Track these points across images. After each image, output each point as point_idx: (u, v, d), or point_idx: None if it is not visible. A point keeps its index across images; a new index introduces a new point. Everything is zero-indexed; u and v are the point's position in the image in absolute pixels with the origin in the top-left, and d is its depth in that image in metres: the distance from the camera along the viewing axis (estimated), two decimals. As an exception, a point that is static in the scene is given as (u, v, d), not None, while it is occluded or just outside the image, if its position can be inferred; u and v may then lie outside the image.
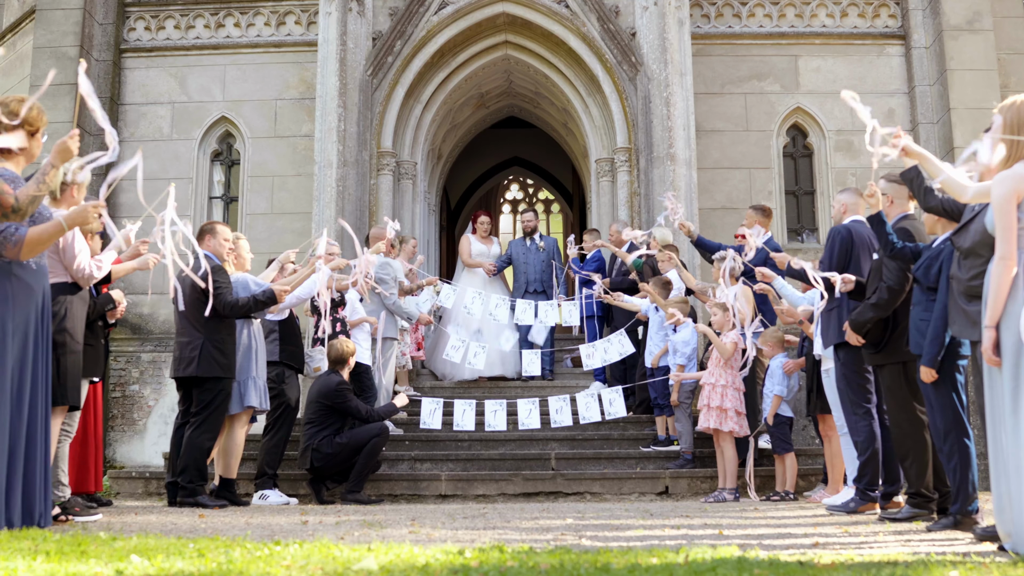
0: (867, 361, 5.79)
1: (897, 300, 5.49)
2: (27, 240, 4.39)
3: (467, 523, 5.32)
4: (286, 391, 7.56)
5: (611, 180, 11.55)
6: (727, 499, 7.34)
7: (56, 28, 11.83)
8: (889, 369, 5.59)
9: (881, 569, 3.02)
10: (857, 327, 5.62)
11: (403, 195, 11.77)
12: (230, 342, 6.79)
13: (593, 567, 2.99)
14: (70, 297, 5.25)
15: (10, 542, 3.66)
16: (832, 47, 12.07)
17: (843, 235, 6.23)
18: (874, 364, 5.73)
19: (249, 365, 6.96)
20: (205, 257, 6.22)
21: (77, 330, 5.31)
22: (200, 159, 12.05)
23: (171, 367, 6.94)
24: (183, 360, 6.70)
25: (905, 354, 5.46)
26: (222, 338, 6.72)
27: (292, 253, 7.97)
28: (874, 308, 5.52)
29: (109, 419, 11.31)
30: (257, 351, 7.06)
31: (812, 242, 11.78)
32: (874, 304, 5.52)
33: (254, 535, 4.38)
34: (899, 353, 5.53)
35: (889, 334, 5.57)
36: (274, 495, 7.34)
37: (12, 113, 4.51)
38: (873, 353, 5.69)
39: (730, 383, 7.56)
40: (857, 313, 5.63)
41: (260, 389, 7.03)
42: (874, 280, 5.67)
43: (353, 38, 11.36)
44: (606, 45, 11.28)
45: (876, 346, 5.63)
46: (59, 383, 5.13)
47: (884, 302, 5.49)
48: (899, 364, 5.54)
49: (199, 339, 6.65)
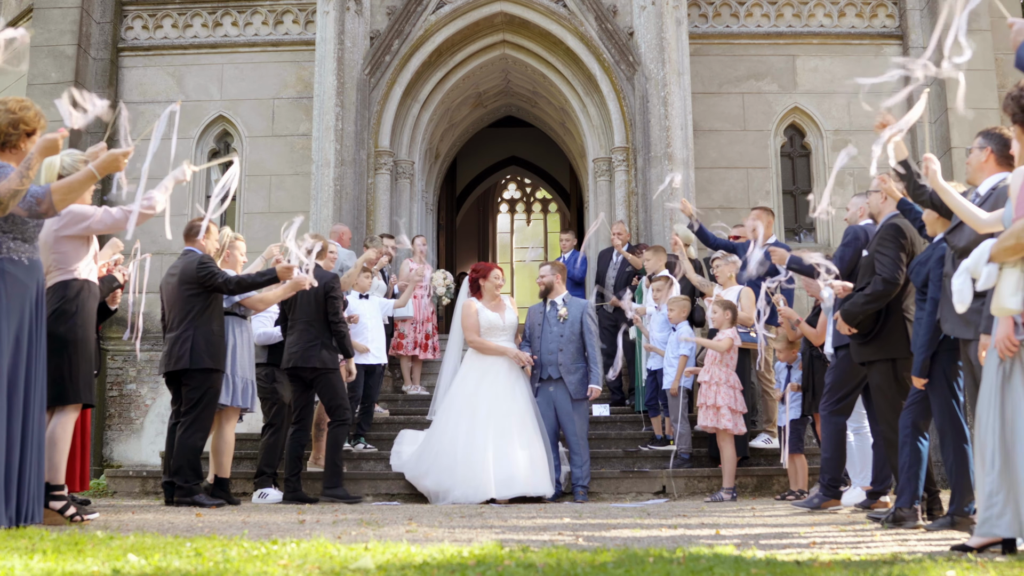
0: (856, 357, 5.77)
1: (891, 293, 5.47)
2: (53, 191, 4.39)
3: (464, 522, 5.31)
4: (279, 390, 7.53)
5: (609, 179, 11.56)
6: (723, 499, 7.34)
7: (54, 27, 11.82)
8: (878, 366, 5.57)
9: (878, 568, 3.03)
10: (849, 317, 5.59)
11: (400, 194, 11.77)
12: (220, 335, 6.79)
13: (590, 567, 2.99)
14: (83, 294, 5.22)
15: (7, 540, 3.65)
16: (830, 47, 12.08)
17: (858, 235, 6.24)
18: (863, 360, 5.72)
19: (230, 362, 6.96)
20: (188, 252, 6.81)
21: (89, 327, 5.28)
22: (197, 158, 12.03)
23: (161, 364, 6.92)
24: (173, 356, 6.70)
25: (895, 351, 5.46)
26: (212, 331, 6.72)
27: (276, 247, 7.92)
28: (868, 299, 5.49)
29: (106, 418, 11.31)
30: (235, 348, 7.05)
31: (810, 242, 11.79)
32: (868, 295, 5.49)
33: (251, 534, 4.38)
34: (888, 349, 5.52)
35: (880, 327, 5.55)
36: (273, 493, 7.35)
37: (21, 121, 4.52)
38: (862, 348, 5.67)
39: (724, 380, 7.57)
40: (850, 304, 5.60)
41: (235, 387, 7.02)
42: (865, 274, 5.66)
43: (351, 37, 11.36)
44: (604, 44, 11.28)
45: (865, 337, 5.61)
46: (72, 381, 5.11)
47: (878, 294, 5.46)
48: (889, 361, 5.52)
49: (190, 333, 6.66)
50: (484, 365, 7.58)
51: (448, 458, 7.25)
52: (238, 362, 7.06)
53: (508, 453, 7.19)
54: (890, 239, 5.48)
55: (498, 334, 7.63)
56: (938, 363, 4.97)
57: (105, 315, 6.95)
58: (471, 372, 7.62)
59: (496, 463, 7.13)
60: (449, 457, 7.25)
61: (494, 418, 7.31)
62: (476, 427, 7.28)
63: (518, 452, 7.23)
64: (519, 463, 7.19)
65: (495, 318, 7.63)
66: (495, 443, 7.22)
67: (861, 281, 5.68)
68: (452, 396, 7.60)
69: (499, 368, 7.56)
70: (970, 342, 4.39)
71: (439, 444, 7.39)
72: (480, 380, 7.52)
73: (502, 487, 7.08)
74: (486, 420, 7.30)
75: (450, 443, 7.30)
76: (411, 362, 10.48)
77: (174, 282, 6.81)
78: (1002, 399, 3.75)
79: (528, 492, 7.17)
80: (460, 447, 7.24)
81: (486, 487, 7.06)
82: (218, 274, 6.71)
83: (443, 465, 7.26)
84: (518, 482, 7.14)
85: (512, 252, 21.49)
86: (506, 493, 7.09)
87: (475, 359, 7.65)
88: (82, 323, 5.21)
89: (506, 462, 7.15)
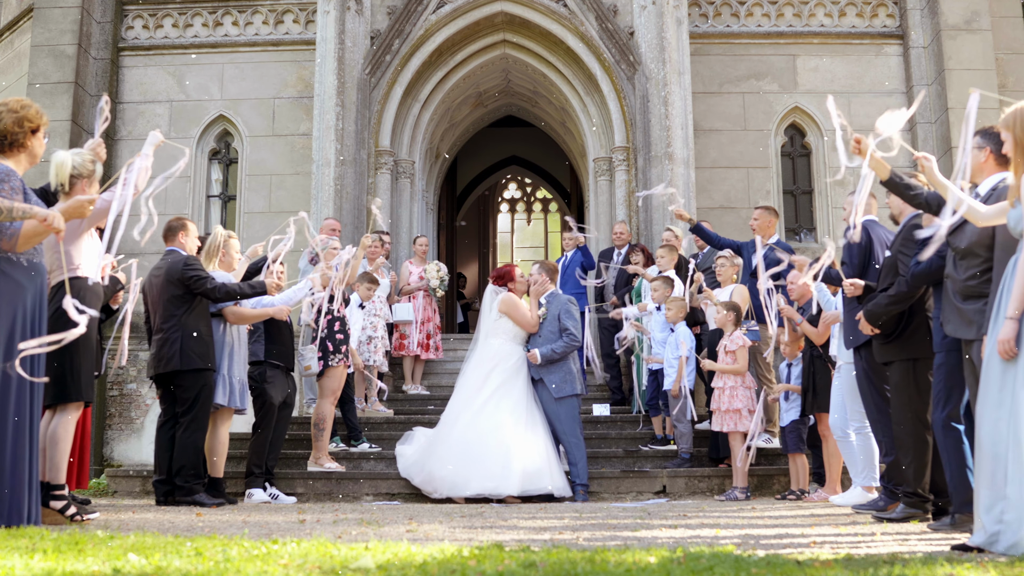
0: (877, 357, 5.77)
1: (915, 295, 5.46)
2: (22, 233, 4.37)
3: (465, 522, 5.31)
4: (268, 390, 7.45)
5: (609, 179, 11.55)
6: (739, 498, 7.36)
7: (54, 26, 11.82)
8: (898, 366, 5.57)
9: (879, 568, 3.03)
10: (872, 318, 5.58)
11: (401, 194, 11.77)
12: (208, 334, 6.79)
13: (590, 566, 2.99)
14: (84, 293, 5.21)
15: (7, 540, 3.65)
16: (830, 47, 12.08)
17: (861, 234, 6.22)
18: (884, 360, 5.71)
19: (220, 362, 6.94)
20: (171, 252, 6.83)
21: (91, 326, 5.28)
22: (198, 158, 12.04)
23: (149, 366, 6.89)
24: (162, 357, 6.69)
25: (916, 351, 5.45)
26: (200, 331, 6.71)
27: (260, 247, 7.91)
28: (891, 300, 5.48)
29: (106, 417, 11.31)
30: (232, 348, 7.04)
31: (810, 241, 11.79)
32: (892, 295, 5.48)
33: (251, 533, 4.38)
34: (909, 349, 5.51)
35: (903, 328, 5.55)
36: (258, 493, 7.32)
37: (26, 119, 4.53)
38: (883, 347, 5.67)
39: (739, 383, 7.60)
40: (873, 304, 5.59)
41: (232, 387, 7.01)
42: (888, 275, 5.65)
43: (351, 37, 11.36)
44: (604, 44, 11.28)
45: (888, 337, 5.60)
46: (72, 379, 5.12)
47: (902, 295, 5.44)
48: (909, 361, 5.52)
49: (177, 334, 6.65)
50: (507, 361, 7.71)
51: (470, 446, 7.29)
52: (235, 363, 7.05)
53: (531, 449, 7.33)
54: (913, 239, 5.45)
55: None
56: (941, 364, 4.96)
57: (107, 315, 6.95)
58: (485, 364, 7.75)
59: (520, 458, 7.22)
60: (472, 446, 7.29)
61: (518, 413, 7.47)
62: (502, 421, 7.38)
63: (540, 449, 7.38)
64: (539, 460, 7.31)
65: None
66: (520, 437, 7.34)
67: (884, 281, 5.67)
68: (471, 388, 7.67)
69: (522, 363, 7.71)
70: (972, 342, 4.39)
71: (466, 432, 7.40)
72: (502, 374, 7.63)
73: (527, 481, 7.20)
74: (512, 415, 7.43)
75: (476, 433, 7.35)
76: (413, 362, 10.50)
77: (158, 283, 6.79)
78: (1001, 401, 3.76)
79: (552, 490, 7.28)
80: (486, 439, 7.30)
81: (508, 481, 7.14)
82: (206, 279, 6.69)
83: (459, 453, 7.29)
84: (544, 477, 7.27)
85: (512, 252, 21.48)
86: (530, 488, 7.19)
87: (496, 354, 7.74)
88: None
89: (529, 459, 7.26)
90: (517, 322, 7.77)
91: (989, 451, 3.81)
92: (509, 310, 7.80)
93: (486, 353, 7.77)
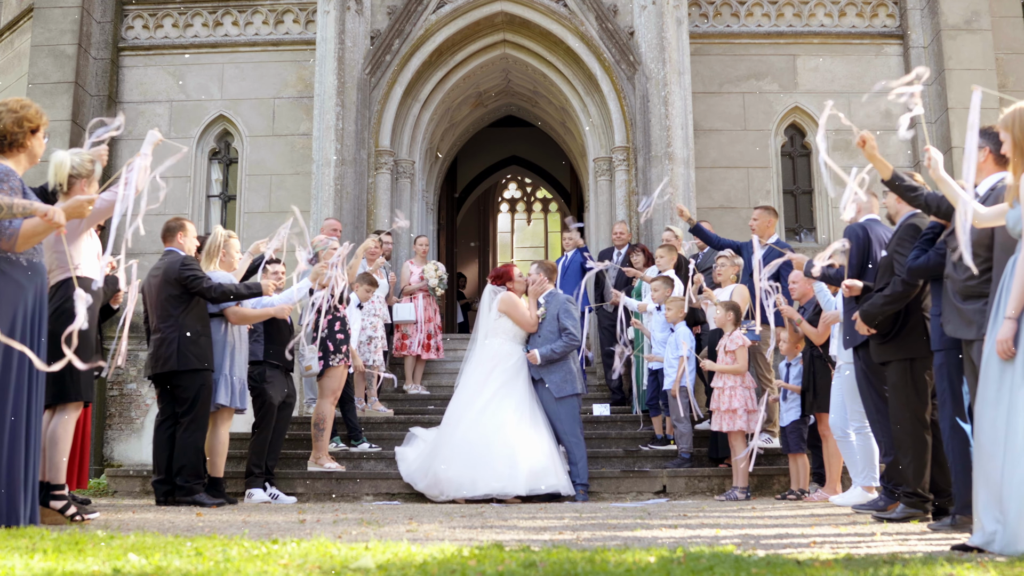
0: (875, 357, 5.77)
1: (911, 294, 5.46)
2: (21, 232, 4.36)
3: (465, 522, 5.31)
4: (267, 390, 7.44)
5: (609, 179, 11.55)
6: (739, 498, 7.36)
7: (54, 26, 11.82)
8: (895, 366, 5.57)
9: (879, 568, 3.03)
10: (868, 318, 5.59)
11: (401, 193, 11.77)
12: (206, 334, 6.79)
13: (590, 566, 2.99)
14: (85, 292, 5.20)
15: (7, 540, 3.65)
16: (830, 46, 12.08)
17: (859, 234, 6.22)
18: (881, 360, 5.71)
19: (223, 362, 6.95)
20: (169, 252, 6.83)
21: (91, 325, 5.28)
22: (198, 158, 12.04)
23: (147, 366, 6.89)
24: (160, 357, 6.69)
25: (914, 351, 5.45)
26: (198, 331, 6.71)
27: (262, 244, 7.90)
28: (887, 300, 5.48)
29: (106, 417, 11.32)
30: (234, 348, 7.04)
31: (810, 241, 11.79)
32: (888, 295, 5.48)
33: (251, 533, 4.38)
34: (906, 349, 5.51)
35: (899, 328, 5.55)
36: (258, 493, 7.32)
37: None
38: (880, 347, 5.67)
39: (739, 383, 7.61)
40: (869, 304, 5.59)
41: (233, 387, 7.01)
42: (884, 275, 5.65)
43: (351, 37, 11.36)
44: (604, 44, 11.28)
45: (884, 337, 5.60)
46: (73, 380, 5.11)
47: (898, 295, 5.44)
48: (906, 361, 5.52)
49: (174, 334, 6.65)
50: (508, 360, 7.69)
51: (474, 447, 7.25)
52: (236, 363, 7.06)
53: (536, 448, 7.32)
54: (909, 239, 5.45)
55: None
56: (943, 363, 4.97)
57: (107, 315, 6.95)
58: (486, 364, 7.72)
59: (526, 458, 7.21)
60: (476, 447, 7.25)
61: (521, 412, 7.45)
62: (506, 420, 7.36)
63: (544, 447, 7.37)
64: (544, 458, 7.30)
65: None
66: (524, 436, 7.33)
67: (879, 281, 5.67)
68: (472, 389, 7.65)
69: (522, 363, 7.69)
70: (972, 342, 4.39)
71: (469, 433, 7.35)
72: (503, 374, 7.62)
73: (533, 480, 7.18)
74: (515, 414, 7.42)
75: (479, 434, 7.31)
76: (415, 362, 10.50)
77: (156, 283, 6.80)
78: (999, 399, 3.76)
79: (559, 488, 7.27)
80: (490, 439, 7.27)
81: (515, 481, 7.12)
82: (203, 278, 6.70)
83: (464, 454, 7.25)
84: (550, 475, 7.26)
85: (512, 252, 21.49)
86: (537, 487, 7.17)
87: (496, 354, 7.72)
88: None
89: (535, 458, 7.26)
90: (517, 321, 7.77)
91: (987, 450, 3.81)
92: (508, 309, 7.80)
93: (486, 353, 7.77)
